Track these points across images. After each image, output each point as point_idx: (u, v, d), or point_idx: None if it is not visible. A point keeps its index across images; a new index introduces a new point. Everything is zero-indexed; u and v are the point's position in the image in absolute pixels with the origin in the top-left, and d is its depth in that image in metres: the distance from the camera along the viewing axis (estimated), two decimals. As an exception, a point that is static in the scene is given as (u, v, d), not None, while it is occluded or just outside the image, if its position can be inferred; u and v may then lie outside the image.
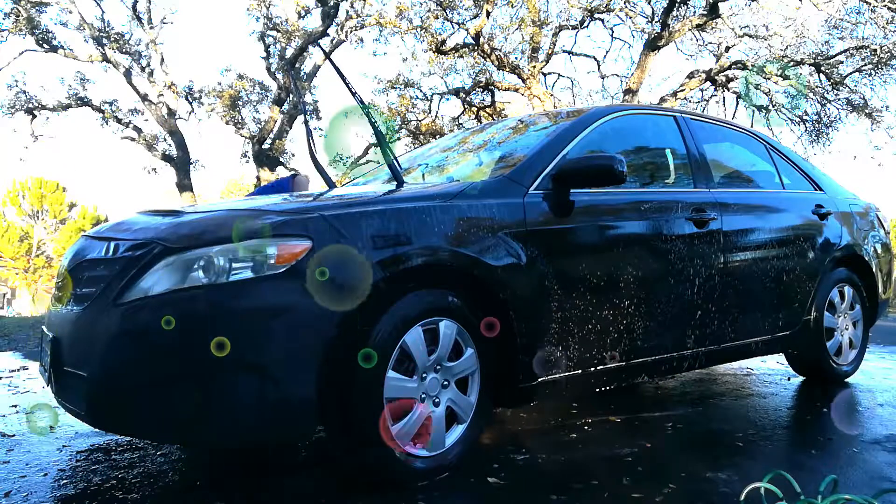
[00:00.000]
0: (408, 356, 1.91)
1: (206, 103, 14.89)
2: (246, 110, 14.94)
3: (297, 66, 14.18)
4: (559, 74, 15.55)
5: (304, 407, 1.71)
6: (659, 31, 11.73)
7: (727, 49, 13.00)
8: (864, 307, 3.68)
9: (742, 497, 1.79)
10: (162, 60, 14.45)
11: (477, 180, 2.40)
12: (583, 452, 2.29)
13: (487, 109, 14.38)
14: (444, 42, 12.62)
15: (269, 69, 14.74)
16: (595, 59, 14.87)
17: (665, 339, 2.60)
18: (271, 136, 14.75)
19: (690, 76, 13.23)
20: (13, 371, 4.12)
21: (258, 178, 14.92)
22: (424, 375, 1.95)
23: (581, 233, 2.36)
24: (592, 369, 2.36)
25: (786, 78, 12.24)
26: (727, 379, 3.75)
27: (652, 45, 11.94)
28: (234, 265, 1.70)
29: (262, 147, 14.68)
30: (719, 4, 11.33)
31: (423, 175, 3.01)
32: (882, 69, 12.16)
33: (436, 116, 14.83)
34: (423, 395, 1.95)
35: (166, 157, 14.81)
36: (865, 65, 12.30)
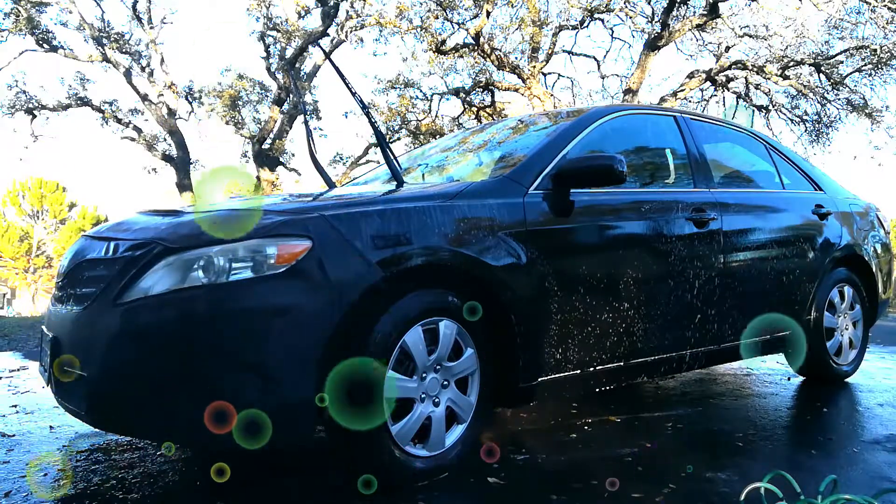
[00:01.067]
0: (408, 356, 1.91)
1: (206, 103, 14.89)
2: (246, 110, 14.95)
3: (297, 66, 14.18)
4: (559, 74, 15.57)
5: (303, 407, 1.71)
6: (659, 31, 11.73)
7: (727, 49, 13.00)
8: (864, 307, 3.68)
9: (742, 497, 1.79)
10: (162, 60, 14.45)
11: (477, 180, 2.40)
12: (583, 452, 2.29)
13: (487, 109, 14.37)
14: (444, 42, 12.61)
15: (269, 69, 14.74)
16: (595, 59, 14.87)
17: (665, 340, 2.60)
18: (271, 136, 14.75)
19: (690, 76, 13.23)
20: (13, 371, 4.12)
21: (258, 178, 14.92)
22: (424, 375, 1.95)
23: (581, 233, 2.36)
24: (592, 369, 2.36)
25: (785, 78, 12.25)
26: (727, 379, 3.75)
27: (652, 45, 11.93)
28: (234, 265, 1.70)
29: (262, 147, 14.68)
30: (719, 4, 11.32)
31: (423, 175, 3.01)
32: (882, 69, 12.16)
33: (436, 116, 14.83)
34: (423, 395, 1.95)
35: (166, 157, 14.80)
36: (865, 65, 12.30)
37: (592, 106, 4.04)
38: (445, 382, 2.01)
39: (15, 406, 3.07)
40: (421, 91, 14.62)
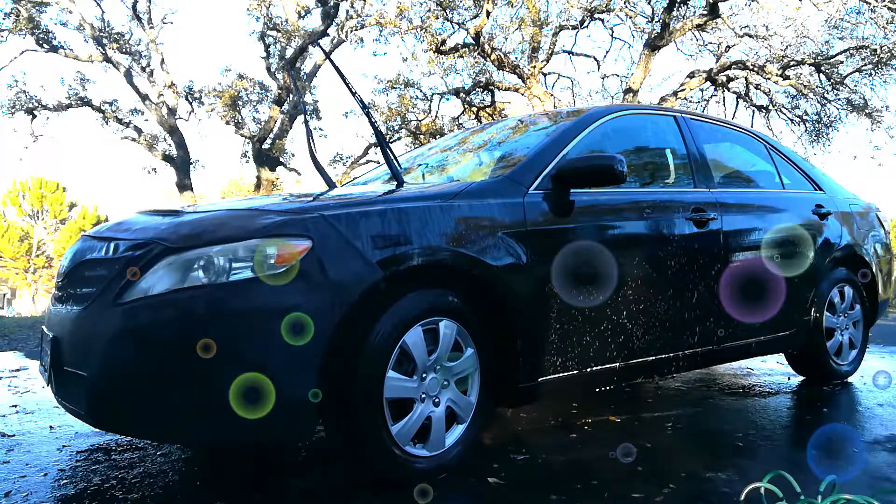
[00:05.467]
0: (408, 356, 1.91)
1: (207, 103, 14.90)
2: (246, 110, 14.96)
3: (297, 66, 14.17)
4: (559, 74, 15.53)
5: (303, 407, 1.71)
6: (659, 31, 11.73)
7: (727, 49, 13.00)
8: (864, 307, 3.67)
9: (742, 497, 1.79)
10: (162, 60, 14.45)
11: (477, 180, 2.40)
12: (583, 452, 2.29)
13: (487, 109, 14.38)
14: (444, 42, 12.62)
15: (269, 69, 14.75)
16: (595, 59, 14.88)
17: (665, 339, 2.60)
18: (271, 135, 14.75)
19: (690, 76, 13.23)
20: (13, 371, 4.12)
21: (258, 178, 14.92)
22: (424, 375, 1.95)
23: (581, 233, 2.36)
24: (592, 369, 2.36)
25: (785, 78, 12.25)
26: (727, 379, 3.75)
27: (652, 45, 11.94)
28: (234, 265, 1.70)
29: (263, 147, 14.68)
30: (719, 4, 11.33)
31: (423, 175, 3.01)
32: (882, 69, 12.16)
33: (436, 116, 14.84)
34: (423, 395, 1.95)
35: (166, 157, 14.80)
36: (865, 65, 12.30)
37: (592, 106, 4.04)
38: (445, 382, 2.01)
39: (15, 406, 3.08)
40: (421, 91, 14.63)
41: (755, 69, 12.70)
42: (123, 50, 13.99)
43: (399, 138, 14.85)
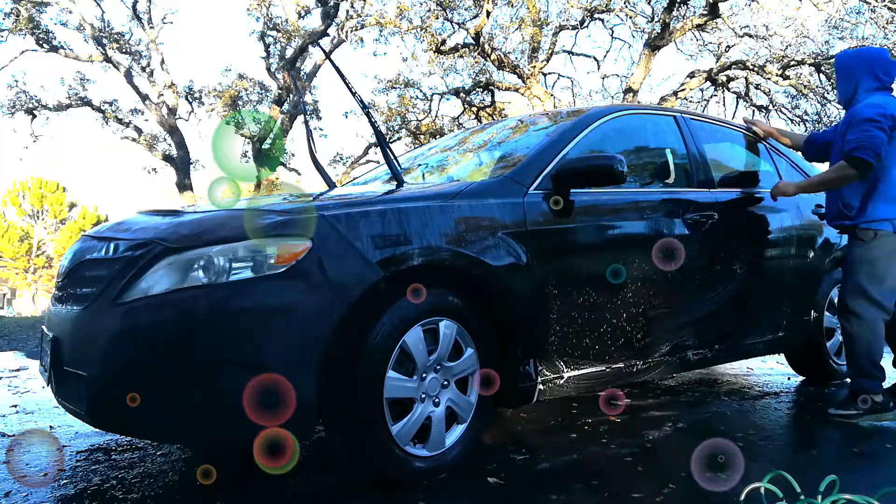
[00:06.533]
0: (408, 356, 1.91)
1: (207, 103, 14.90)
2: (246, 110, 14.93)
3: (297, 66, 14.17)
4: (559, 74, 15.56)
5: (303, 407, 1.71)
6: (659, 31, 11.73)
7: (727, 49, 13.00)
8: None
9: (742, 497, 1.79)
10: (162, 60, 14.44)
11: (477, 180, 2.40)
12: (583, 452, 2.29)
13: (487, 109, 14.37)
14: (444, 42, 12.62)
15: (269, 69, 14.75)
16: (595, 59, 14.88)
17: (666, 340, 2.60)
18: (271, 135, 14.74)
19: (691, 76, 13.23)
20: (13, 371, 4.12)
21: (258, 178, 14.92)
22: (424, 375, 1.95)
23: (581, 233, 2.36)
24: (592, 369, 2.36)
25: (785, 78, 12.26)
26: (727, 379, 3.75)
27: (652, 45, 11.94)
28: (234, 265, 1.70)
29: (263, 147, 14.68)
30: (719, 4, 11.33)
31: (423, 175, 3.01)
32: (882, 69, 12.13)
33: (436, 116, 14.83)
34: (423, 395, 1.95)
35: (167, 157, 14.80)
36: (866, 65, 12.27)
37: (592, 106, 4.04)
38: (445, 382, 2.01)
39: (15, 406, 3.08)
40: (421, 91, 14.63)
41: (755, 69, 12.70)
42: (123, 50, 13.97)
43: (399, 138, 14.85)
